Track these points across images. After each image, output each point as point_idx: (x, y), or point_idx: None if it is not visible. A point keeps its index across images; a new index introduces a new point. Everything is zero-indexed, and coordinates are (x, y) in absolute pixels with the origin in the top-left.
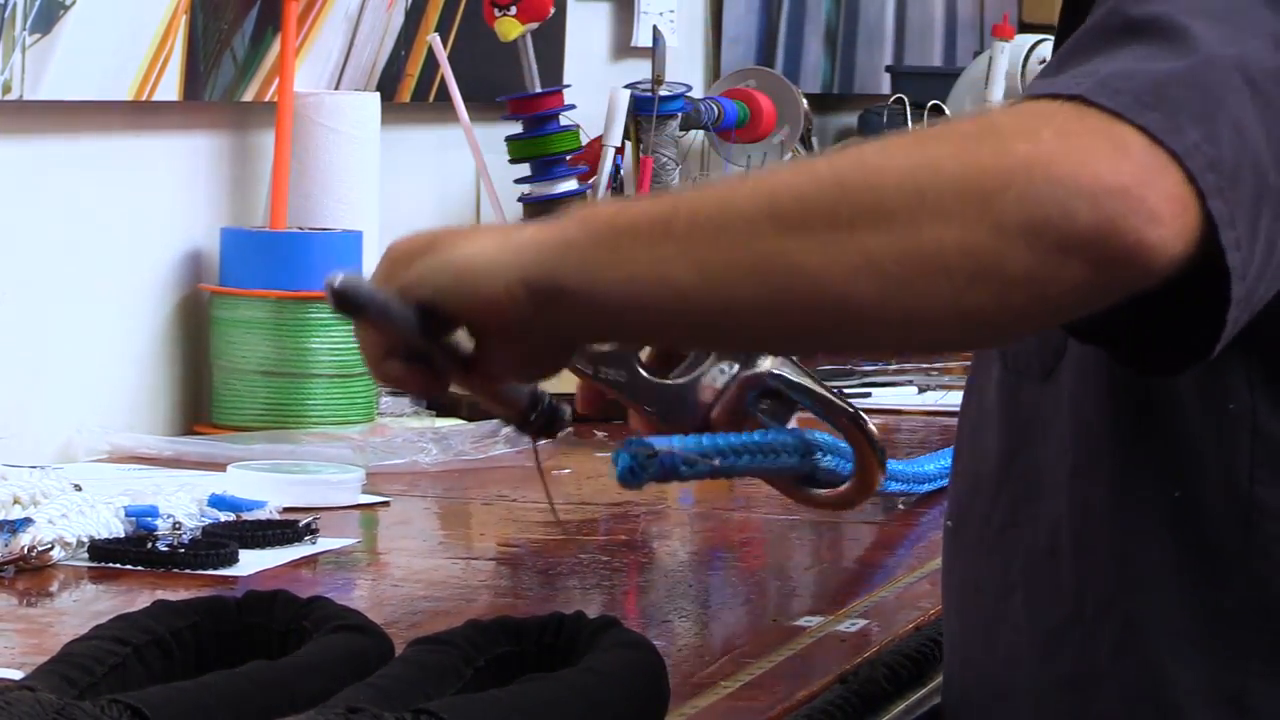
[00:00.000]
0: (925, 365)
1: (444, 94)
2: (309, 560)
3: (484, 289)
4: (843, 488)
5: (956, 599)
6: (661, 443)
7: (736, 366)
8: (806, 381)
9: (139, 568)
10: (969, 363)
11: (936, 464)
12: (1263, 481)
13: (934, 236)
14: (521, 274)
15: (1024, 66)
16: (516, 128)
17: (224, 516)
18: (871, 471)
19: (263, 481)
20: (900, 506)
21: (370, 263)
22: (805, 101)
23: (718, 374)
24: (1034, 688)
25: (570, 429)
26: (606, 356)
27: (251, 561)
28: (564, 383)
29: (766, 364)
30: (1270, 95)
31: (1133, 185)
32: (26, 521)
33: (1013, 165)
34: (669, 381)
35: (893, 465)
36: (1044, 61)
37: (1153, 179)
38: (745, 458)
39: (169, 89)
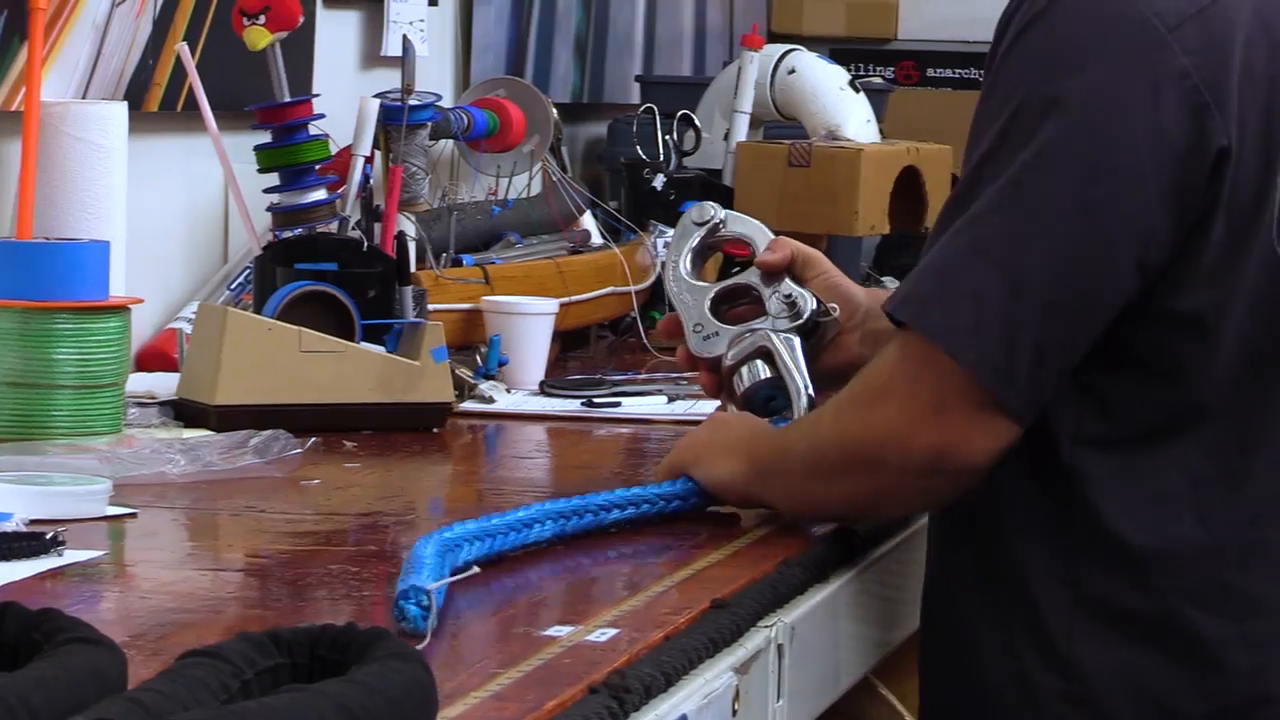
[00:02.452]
0: (674, 375)
1: (192, 103)
2: (55, 573)
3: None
4: None
5: None
6: (427, 580)
7: (754, 334)
8: (787, 366)
9: None
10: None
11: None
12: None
13: (858, 484)
14: (742, 497)
15: (773, 76)
16: (265, 137)
17: None
18: None
19: (8, 493)
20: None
21: (117, 273)
22: (555, 111)
23: (744, 333)
24: None
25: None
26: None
27: None
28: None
29: (773, 340)
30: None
31: (945, 444)
32: None
33: (882, 440)
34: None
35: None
36: (793, 71)
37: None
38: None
39: None
